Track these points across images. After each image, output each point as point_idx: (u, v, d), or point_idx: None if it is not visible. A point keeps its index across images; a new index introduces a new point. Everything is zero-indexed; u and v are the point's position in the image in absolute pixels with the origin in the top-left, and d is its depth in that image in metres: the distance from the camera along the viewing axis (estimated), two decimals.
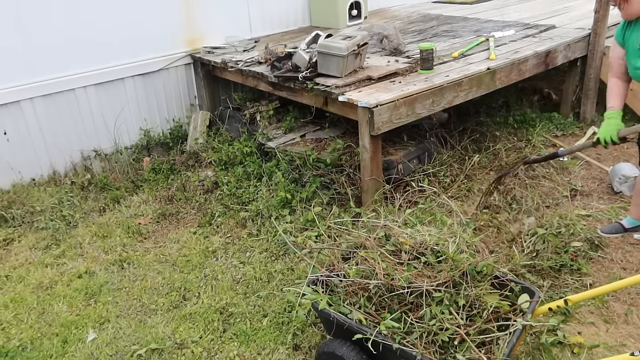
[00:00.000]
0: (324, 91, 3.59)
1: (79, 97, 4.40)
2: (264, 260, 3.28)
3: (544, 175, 3.98)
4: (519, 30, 4.82)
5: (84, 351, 2.68)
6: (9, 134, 4.14)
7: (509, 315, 2.12)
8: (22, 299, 3.09)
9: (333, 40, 3.70)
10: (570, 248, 3.09)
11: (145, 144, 4.82)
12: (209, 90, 5.05)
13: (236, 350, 2.62)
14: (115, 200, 4.11)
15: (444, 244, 2.34)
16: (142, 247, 3.57)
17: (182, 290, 3.09)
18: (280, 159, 4.05)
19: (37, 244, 3.63)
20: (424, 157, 4.06)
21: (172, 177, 4.39)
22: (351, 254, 2.46)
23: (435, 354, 1.99)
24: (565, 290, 2.84)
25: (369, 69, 3.85)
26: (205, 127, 4.89)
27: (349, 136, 4.14)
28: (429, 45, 3.74)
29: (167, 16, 4.71)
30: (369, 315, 2.15)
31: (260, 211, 3.67)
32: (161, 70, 4.80)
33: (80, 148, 4.52)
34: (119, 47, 4.50)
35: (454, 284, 2.15)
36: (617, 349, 2.49)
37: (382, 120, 3.29)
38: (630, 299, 2.78)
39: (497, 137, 4.51)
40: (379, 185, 3.50)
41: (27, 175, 4.32)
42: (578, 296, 2.17)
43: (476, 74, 3.75)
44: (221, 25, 5.07)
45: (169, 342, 2.68)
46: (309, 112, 4.30)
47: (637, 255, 3.11)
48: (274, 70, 4.05)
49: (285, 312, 2.82)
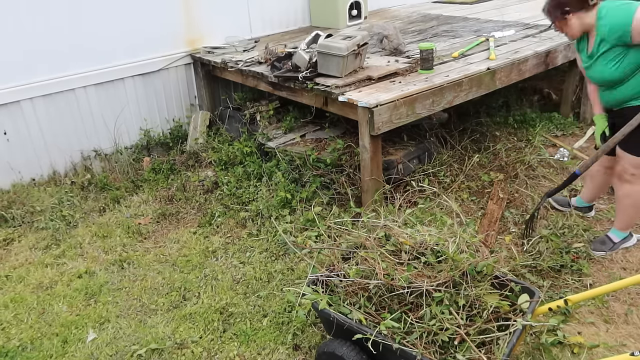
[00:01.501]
0: (324, 91, 3.59)
1: (79, 97, 4.40)
2: (264, 260, 3.28)
3: (544, 175, 3.98)
4: (519, 30, 4.82)
5: (84, 351, 2.68)
6: (9, 134, 4.14)
7: (509, 315, 2.12)
8: (22, 299, 3.09)
9: (333, 40, 3.70)
10: (571, 249, 3.09)
11: (145, 144, 4.82)
12: (209, 90, 5.05)
13: (236, 350, 2.62)
14: (115, 200, 4.11)
15: (444, 244, 2.34)
16: (142, 247, 3.57)
17: (182, 290, 3.09)
18: (280, 159, 4.05)
19: (37, 244, 3.63)
20: (424, 157, 4.06)
21: (172, 177, 4.39)
22: (351, 254, 2.45)
23: (435, 354, 1.99)
24: (565, 290, 2.84)
25: (369, 69, 3.85)
26: (205, 127, 4.89)
27: (349, 136, 4.14)
28: (429, 45, 3.74)
29: (167, 16, 4.71)
30: (369, 315, 2.15)
31: (260, 211, 3.67)
32: (161, 70, 4.80)
33: (80, 148, 4.52)
34: (118, 47, 4.50)
35: (454, 284, 2.15)
36: (617, 349, 2.49)
37: (382, 120, 3.29)
38: (630, 299, 2.78)
39: (497, 137, 4.51)
40: (379, 185, 3.50)
41: (27, 175, 4.32)
42: (578, 296, 2.17)
43: (476, 74, 3.75)
44: (221, 25, 5.07)
45: (169, 342, 2.68)
46: (309, 112, 4.31)
47: (637, 255, 3.11)
48: (274, 70, 4.05)
49: (285, 312, 2.82)
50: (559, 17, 2.78)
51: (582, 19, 2.74)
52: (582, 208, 3.50)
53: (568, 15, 2.74)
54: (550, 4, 2.81)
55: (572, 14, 2.73)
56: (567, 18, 2.75)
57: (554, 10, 2.80)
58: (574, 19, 2.75)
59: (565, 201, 3.56)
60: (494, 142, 4.40)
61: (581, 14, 2.73)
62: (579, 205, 3.49)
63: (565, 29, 2.82)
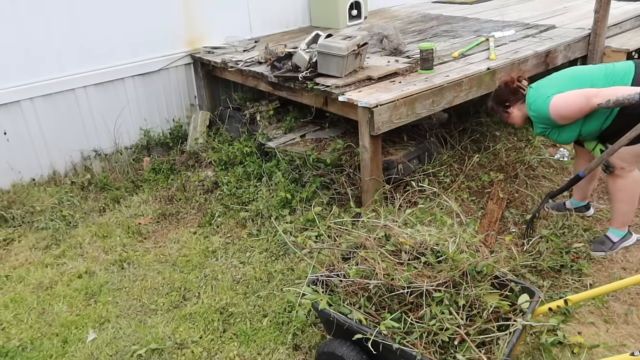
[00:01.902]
0: (324, 91, 3.59)
1: (79, 97, 4.40)
2: (264, 260, 3.28)
3: (544, 175, 3.98)
4: (519, 30, 4.82)
5: (84, 351, 2.68)
6: (8, 134, 4.14)
7: (509, 315, 2.12)
8: (22, 299, 3.09)
9: (333, 40, 3.70)
10: (571, 249, 3.09)
11: (145, 144, 4.82)
12: (209, 90, 5.05)
13: (236, 350, 2.62)
14: (115, 200, 4.11)
15: (444, 244, 2.34)
16: (142, 247, 3.57)
17: (182, 290, 3.09)
18: (280, 159, 4.05)
19: (37, 244, 3.63)
20: (424, 157, 4.06)
21: (172, 177, 4.39)
22: (351, 254, 2.45)
23: (435, 354, 1.99)
24: (565, 290, 2.84)
25: (369, 69, 3.85)
26: (205, 127, 4.89)
27: (349, 136, 4.14)
28: (429, 45, 3.74)
29: (167, 16, 4.71)
30: (369, 315, 2.15)
31: (260, 211, 3.67)
32: (161, 70, 4.80)
33: (80, 148, 4.53)
34: (118, 47, 4.50)
35: (454, 284, 2.15)
36: (617, 349, 2.49)
37: (382, 120, 3.29)
38: (630, 299, 2.78)
39: (497, 137, 4.51)
40: (379, 185, 3.50)
41: (27, 175, 4.32)
42: (578, 296, 2.17)
43: (476, 74, 3.75)
44: (221, 25, 5.07)
45: (169, 342, 2.68)
46: (309, 112, 4.30)
47: (637, 255, 3.11)
48: (274, 70, 4.05)
49: (285, 312, 2.82)
50: (502, 112, 3.07)
51: (522, 109, 3.01)
52: (579, 208, 3.51)
53: (509, 109, 3.03)
54: (493, 102, 3.12)
55: (512, 107, 3.02)
56: (509, 112, 3.04)
57: (497, 106, 3.10)
58: (515, 111, 3.03)
59: (560, 205, 3.58)
60: (494, 142, 4.40)
61: (519, 105, 3.01)
62: (575, 207, 3.51)
63: (510, 120, 3.09)
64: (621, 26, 5.12)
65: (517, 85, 2.99)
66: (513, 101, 3.00)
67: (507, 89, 3.02)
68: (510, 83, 3.00)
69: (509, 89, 3.01)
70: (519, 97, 2.99)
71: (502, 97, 3.05)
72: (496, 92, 3.11)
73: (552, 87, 2.84)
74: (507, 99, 3.02)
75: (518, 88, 2.99)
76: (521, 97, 2.98)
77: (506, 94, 3.02)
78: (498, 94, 3.09)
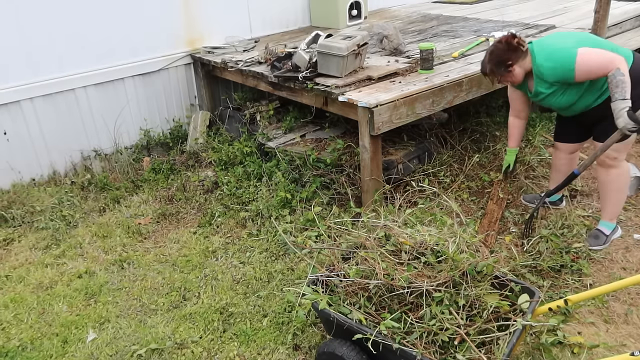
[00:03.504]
0: (324, 91, 3.59)
1: (79, 97, 4.40)
2: (264, 260, 3.28)
3: (544, 175, 3.98)
4: (519, 30, 4.82)
5: (84, 351, 2.68)
6: (8, 134, 4.14)
7: (509, 315, 2.12)
8: (22, 299, 3.09)
9: (333, 40, 3.70)
10: (571, 249, 3.09)
11: (145, 144, 4.82)
12: (209, 90, 5.05)
13: (236, 350, 2.62)
14: (115, 200, 4.11)
15: (444, 244, 2.34)
16: (142, 247, 3.57)
17: (182, 290, 3.09)
18: (280, 159, 4.05)
19: (37, 244, 3.63)
20: (424, 157, 4.06)
21: (172, 177, 4.39)
22: (351, 254, 2.46)
23: (435, 354, 1.99)
24: (565, 290, 2.84)
25: (369, 69, 3.85)
26: (205, 127, 4.89)
27: (349, 136, 4.14)
28: (429, 45, 3.74)
29: (167, 16, 4.71)
30: (369, 315, 2.15)
31: (260, 211, 3.67)
32: (161, 70, 4.80)
33: (80, 148, 4.53)
34: (118, 47, 4.50)
35: (454, 284, 2.15)
36: (617, 349, 2.49)
37: (382, 120, 3.29)
38: (630, 299, 2.78)
39: (497, 137, 4.51)
40: (379, 185, 3.50)
41: (27, 175, 4.32)
42: (578, 296, 2.17)
43: (476, 74, 3.74)
44: (221, 25, 5.07)
45: (169, 342, 2.68)
46: (309, 112, 4.30)
47: (637, 255, 3.11)
48: (274, 70, 4.05)
49: (285, 312, 2.82)
50: (504, 71, 2.93)
51: (523, 65, 2.92)
52: (554, 202, 3.61)
53: (512, 68, 2.91)
54: (491, 63, 2.95)
55: (515, 65, 2.90)
56: (511, 70, 2.92)
57: (497, 68, 2.94)
58: (517, 69, 2.92)
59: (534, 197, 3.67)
60: (494, 142, 4.40)
61: (521, 62, 2.91)
62: (551, 200, 3.59)
63: (509, 79, 2.99)
64: (621, 26, 5.12)
65: (518, 42, 2.89)
66: (515, 58, 2.89)
67: (508, 47, 2.89)
68: (512, 40, 2.88)
69: (511, 46, 2.88)
70: (519, 54, 2.89)
71: (504, 57, 2.91)
72: (495, 53, 2.95)
73: (569, 42, 2.79)
74: (509, 57, 2.89)
75: (519, 45, 2.89)
76: (521, 53, 2.89)
77: (508, 52, 2.90)
78: (498, 54, 2.93)
